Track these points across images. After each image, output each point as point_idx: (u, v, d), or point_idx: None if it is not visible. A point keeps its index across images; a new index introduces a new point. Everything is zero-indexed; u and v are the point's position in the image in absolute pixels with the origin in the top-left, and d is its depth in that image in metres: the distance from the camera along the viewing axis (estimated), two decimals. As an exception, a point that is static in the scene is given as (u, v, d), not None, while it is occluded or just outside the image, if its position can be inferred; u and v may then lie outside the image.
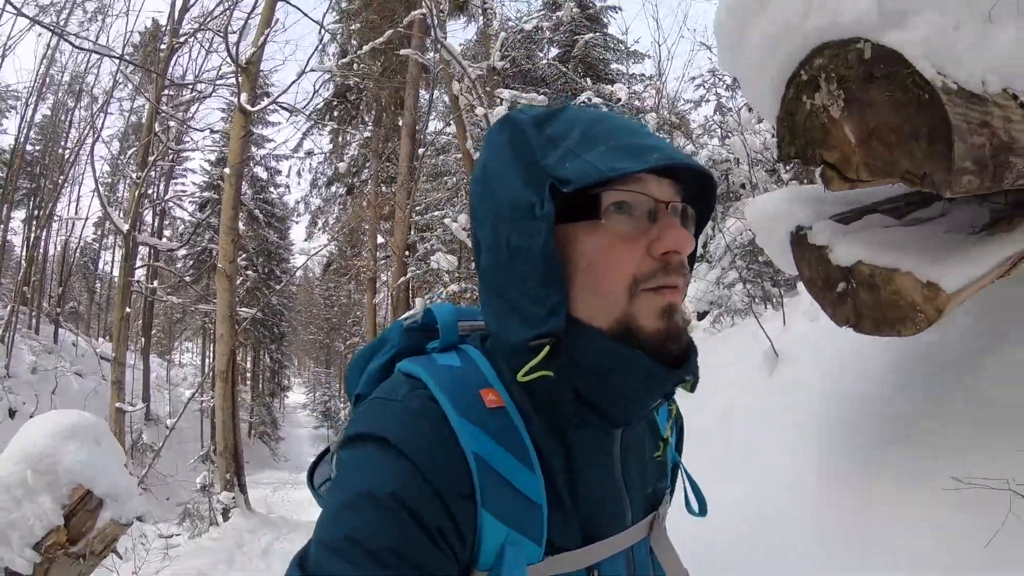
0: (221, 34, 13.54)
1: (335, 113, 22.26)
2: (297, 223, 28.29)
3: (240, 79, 13.03)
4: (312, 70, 13.55)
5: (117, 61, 14.54)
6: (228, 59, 12.96)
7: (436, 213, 15.37)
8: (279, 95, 14.88)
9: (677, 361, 0.84)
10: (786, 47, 2.18)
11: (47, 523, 3.42)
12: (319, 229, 24.87)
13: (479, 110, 9.81)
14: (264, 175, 27.86)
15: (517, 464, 0.80)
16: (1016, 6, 2.00)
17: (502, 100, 9.36)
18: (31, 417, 12.06)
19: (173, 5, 15.62)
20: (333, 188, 24.35)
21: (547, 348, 0.80)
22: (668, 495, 1.05)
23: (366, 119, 22.73)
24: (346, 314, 33.38)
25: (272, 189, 28.37)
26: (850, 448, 3.39)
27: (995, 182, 1.99)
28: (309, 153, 23.08)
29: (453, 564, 0.76)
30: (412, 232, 15.75)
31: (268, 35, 13.29)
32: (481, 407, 0.81)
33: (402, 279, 13.55)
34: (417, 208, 15.67)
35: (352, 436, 0.81)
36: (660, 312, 0.81)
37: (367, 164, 22.67)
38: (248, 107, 12.77)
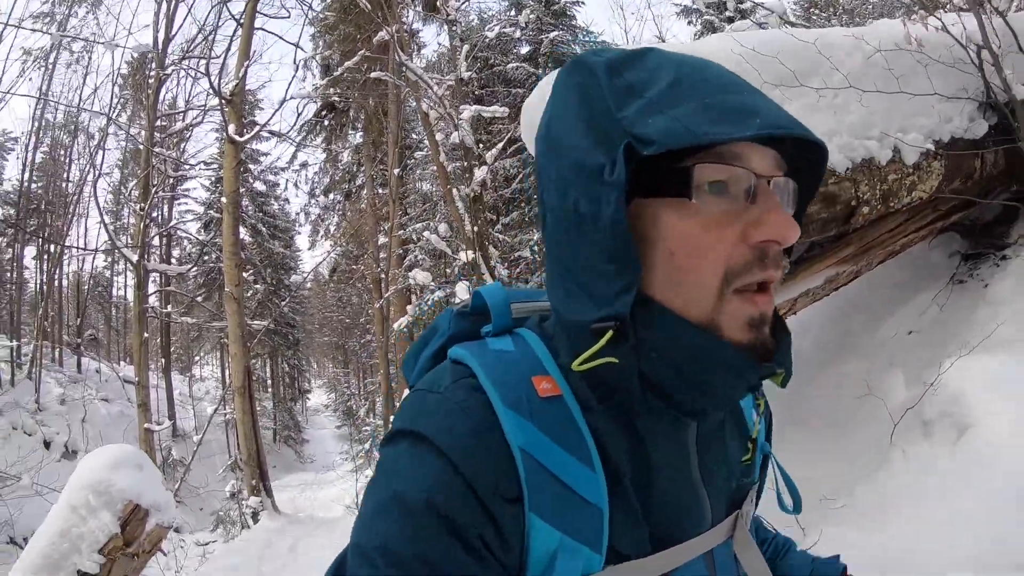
0: (203, 72, 14.36)
1: (325, 123, 22.84)
2: (299, 233, 29.06)
3: (226, 111, 13.76)
4: (292, 97, 14.59)
5: (109, 98, 15.65)
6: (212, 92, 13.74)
7: (418, 225, 16.06)
8: (264, 124, 16.04)
9: (767, 353, 0.76)
10: None
11: (108, 532, 4.64)
12: (321, 237, 25.71)
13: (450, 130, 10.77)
14: (263, 188, 28.54)
15: (572, 460, 0.74)
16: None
17: (458, 124, 10.17)
18: (64, 446, 13.41)
19: (156, 37, 16.23)
20: (331, 196, 25.02)
21: (611, 332, 0.73)
22: (754, 491, 0.96)
23: (356, 125, 23.22)
24: (358, 314, 33.80)
25: (273, 201, 29.10)
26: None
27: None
28: (304, 165, 23.80)
29: (497, 572, 0.72)
30: (396, 245, 16.63)
31: (247, 66, 14.19)
32: (533, 396, 0.76)
33: (387, 294, 14.51)
34: (400, 221, 16.56)
35: (391, 432, 0.78)
36: (749, 323, 0.74)
37: (361, 168, 23.25)
38: (237, 138, 13.61)
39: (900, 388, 3.94)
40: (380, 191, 20.92)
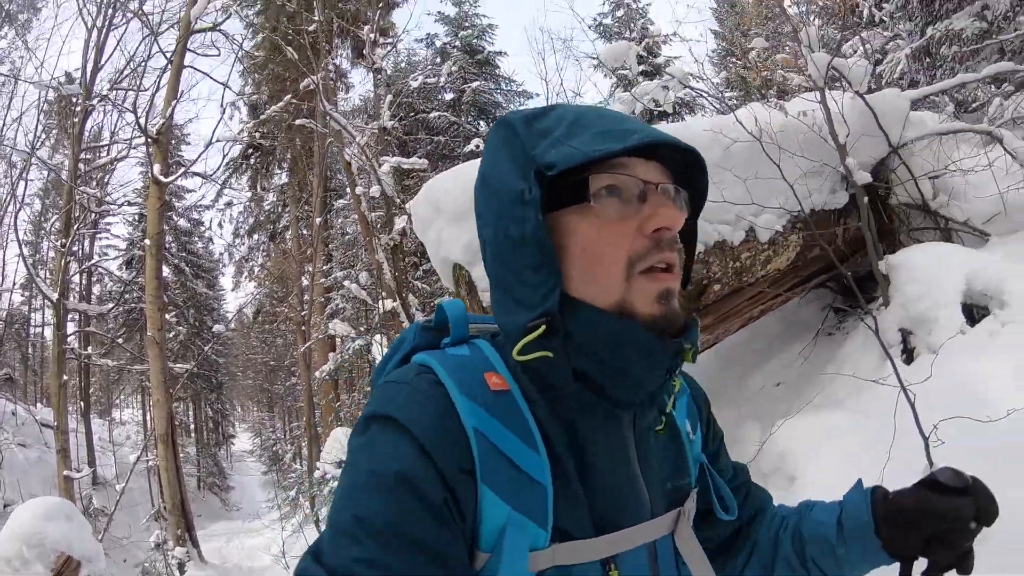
0: (129, 108, 14.13)
1: (251, 162, 22.97)
2: (223, 274, 29.07)
3: (152, 151, 13.67)
4: (218, 140, 14.65)
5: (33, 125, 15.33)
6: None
7: (339, 273, 16.34)
8: (190, 166, 15.89)
9: (676, 334, 0.90)
10: (441, 255, 4.23)
11: None
12: (245, 277, 25.68)
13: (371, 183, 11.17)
14: (187, 225, 28.25)
15: (519, 443, 0.85)
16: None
17: (380, 177, 10.60)
18: None
19: (85, 66, 15.82)
20: (255, 236, 25.12)
21: (543, 327, 0.86)
22: (695, 494, 1.06)
23: (282, 165, 23.46)
24: (283, 355, 33.53)
25: (197, 240, 28.83)
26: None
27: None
28: (229, 204, 23.96)
29: (459, 540, 0.80)
30: (319, 292, 16.85)
31: (175, 105, 14.15)
32: (485, 389, 0.87)
33: (308, 342, 14.73)
34: (323, 268, 16.76)
35: (363, 417, 0.88)
36: (656, 297, 0.88)
37: (286, 209, 23.49)
38: (162, 178, 13.53)
39: (755, 439, 4.40)
40: (305, 232, 21.12)
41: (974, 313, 4.28)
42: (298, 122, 13.45)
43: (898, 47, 9.26)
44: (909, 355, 4.33)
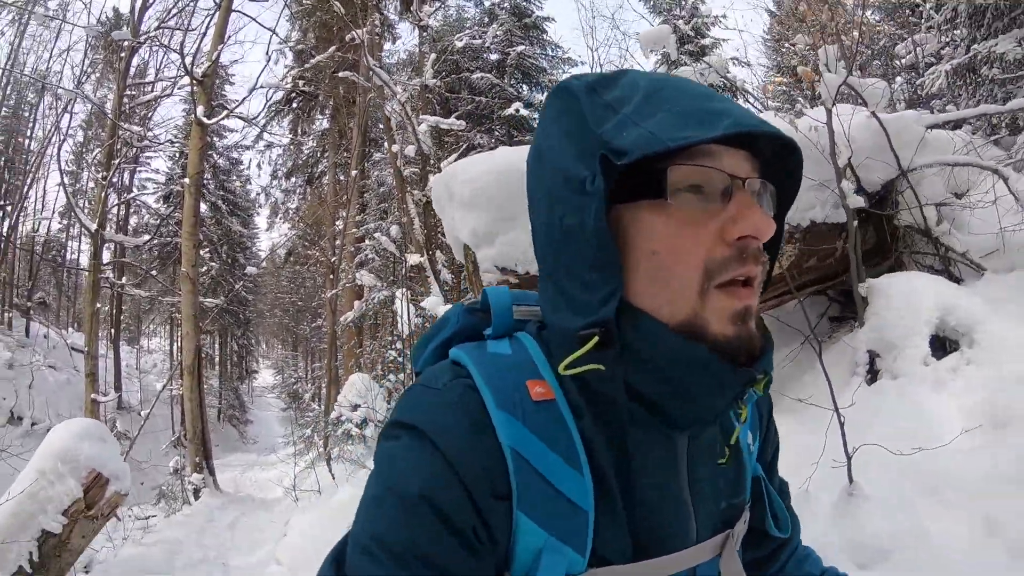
0: (176, 49, 14.29)
1: (293, 106, 23.26)
2: (259, 214, 29.46)
3: (196, 92, 13.93)
4: (262, 87, 14.99)
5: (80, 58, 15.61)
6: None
7: (371, 225, 16.63)
8: (234, 108, 16.13)
9: (749, 359, 0.79)
10: (454, 233, 4.71)
11: (72, 496, 5.38)
12: (280, 219, 26.09)
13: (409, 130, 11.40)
14: (226, 164, 28.67)
15: (561, 463, 0.77)
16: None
17: (418, 136, 10.86)
18: (10, 412, 13.58)
19: (133, 3, 15.99)
20: (293, 179, 25.45)
21: (595, 338, 0.76)
22: (747, 512, 0.98)
23: (324, 111, 23.67)
24: (311, 297, 33.87)
25: (235, 178, 29.23)
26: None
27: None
28: (269, 146, 24.24)
29: (486, 568, 0.75)
30: (351, 241, 17.19)
31: (221, 50, 14.40)
32: (526, 399, 0.79)
33: (335, 288, 15.08)
34: (356, 218, 17.12)
35: (390, 423, 0.82)
36: (733, 316, 0.77)
37: (325, 155, 23.72)
38: (205, 120, 13.86)
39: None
40: (342, 178, 21.22)
41: (946, 345, 4.50)
42: (341, 74, 13.61)
43: (942, 57, 9.08)
44: (873, 376, 4.56)
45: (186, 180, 14.37)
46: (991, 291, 4.74)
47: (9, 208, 21.99)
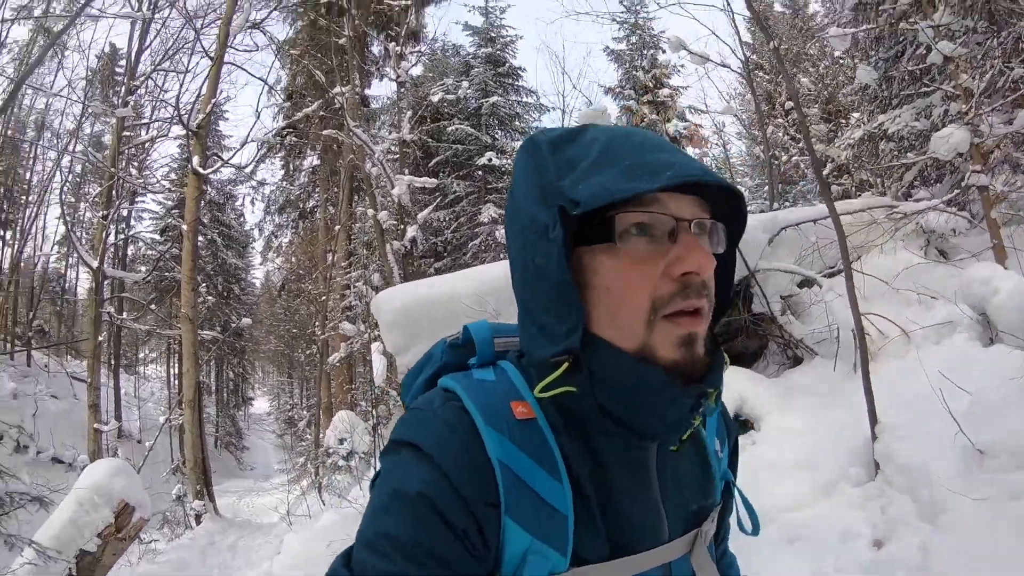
0: (172, 104, 15.42)
1: (285, 141, 23.72)
2: (253, 248, 30.30)
3: (191, 143, 14.97)
4: (252, 141, 16.17)
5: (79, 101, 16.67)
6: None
7: (353, 273, 17.65)
8: (229, 159, 17.45)
9: (699, 378, 0.88)
10: (383, 345, 6.49)
11: (105, 521, 6.68)
12: (273, 252, 26.98)
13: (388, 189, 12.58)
14: (220, 199, 29.50)
15: (544, 474, 0.86)
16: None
17: (397, 195, 12.18)
18: (16, 441, 14.29)
19: (130, 47, 17.36)
20: (285, 214, 26.27)
21: (566, 364, 0.87)
22: (716, 514, 1.07)
23: (315, 146, 23.95)
24: (305, 324, 33.86)
25: (229, 211, 30.22)
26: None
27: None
28: (261, 183, 25.15)
29: (480, 566, 0.83)
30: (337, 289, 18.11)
31: (214, 103, 15.45)
32: (510, 418, 0.88)
33: (323, 335, 16.18)
34: (341, 265, 18.22)
35: (391, 442, 0.91)
36: (679, 342, 0.86)
37: (316, 189, 24.78)
38: (201, 170, 14.93)
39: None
40: (332, 209, 22.27)
41: (748, 424, 5.95)
42: (325, 132, 14.74)
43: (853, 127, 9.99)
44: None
45: (184, 227, 15.35)
46: (785, 386, 6.22)
47: (12, 243, 22.92)
